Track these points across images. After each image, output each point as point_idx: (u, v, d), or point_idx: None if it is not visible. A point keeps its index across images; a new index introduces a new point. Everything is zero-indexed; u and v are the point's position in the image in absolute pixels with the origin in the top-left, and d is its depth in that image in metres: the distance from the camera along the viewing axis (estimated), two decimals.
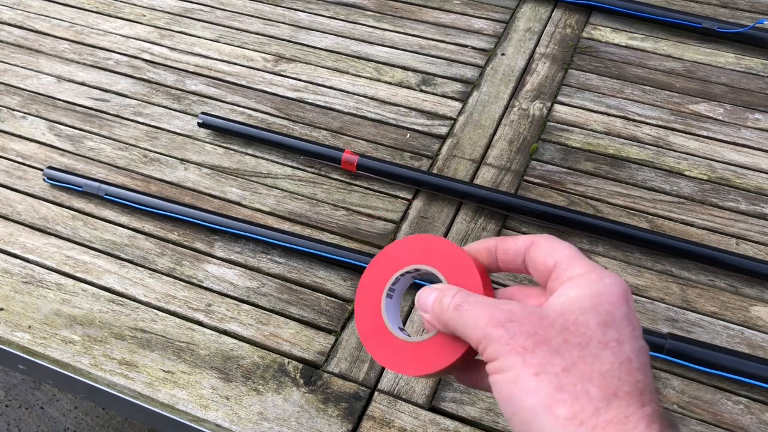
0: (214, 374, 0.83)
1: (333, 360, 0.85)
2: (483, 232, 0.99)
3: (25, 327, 0.88)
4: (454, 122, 1.16)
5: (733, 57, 1.28)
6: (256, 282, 0.93)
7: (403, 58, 1.29)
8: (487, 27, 1.36)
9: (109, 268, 0.95)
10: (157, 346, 0.86)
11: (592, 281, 0.34)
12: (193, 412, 0.80)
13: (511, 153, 1.11)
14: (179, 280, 0.94)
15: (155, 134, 1.15)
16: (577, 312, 0.33)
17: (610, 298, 0.33)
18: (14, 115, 1.19)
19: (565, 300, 0.34)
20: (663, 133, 1.14)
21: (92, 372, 0.83)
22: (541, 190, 1.05)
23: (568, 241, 0.38)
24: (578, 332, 0.32)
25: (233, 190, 1.06)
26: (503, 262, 0.39)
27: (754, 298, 0.92)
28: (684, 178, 1.07)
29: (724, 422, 0.80)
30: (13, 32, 1.37)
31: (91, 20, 1.39)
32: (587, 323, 0.32)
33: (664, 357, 0.83)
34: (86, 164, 1.10)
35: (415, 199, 1.04)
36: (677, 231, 1.00)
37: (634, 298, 0.91)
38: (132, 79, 1.26)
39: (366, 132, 1.15)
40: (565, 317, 0.32)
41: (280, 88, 1.23)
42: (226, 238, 0.98)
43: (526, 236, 0.39)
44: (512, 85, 1.23)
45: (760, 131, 1.14)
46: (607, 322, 0.32)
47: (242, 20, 1.39)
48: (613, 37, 1.33)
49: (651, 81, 1.24)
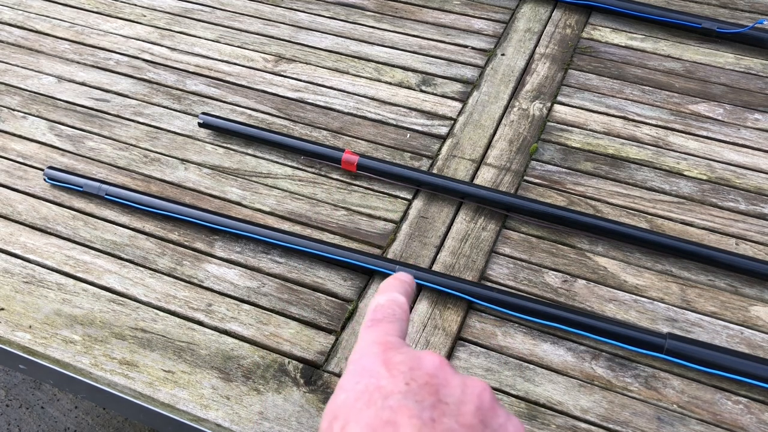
0: (214, 374, 0.83)
1: (333, 360, 0.85)
2: (483, 232, 0.99)
3: (26, 327, 0.88)
4: (454, 122, 1.16)
5: (733, 57, 1.28)
6: (257, 282, 0.93)
7: (403, 59, 1.29)
8: (487, 27, 1.36)
9: (109, 268, 0.95)
10: (158, 346, 0.86)
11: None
12: (194, 412, 0.80)
13: (511, 153, 1.11)
14: (180, 280, 0.94)
15: (156, 134, 1.15)
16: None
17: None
18: (15, 115, 1.19)
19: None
20: (662, 133, 1.14)
21: (93, 372, 0.84)
22: (541, 190, 1.05)
23: (568, 240, 0.38)
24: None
25: (233, 190, 1.06)
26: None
27: (753, 298, 0.92)
28: (683, 178, 1.07)
29: (724, 422, 0.80)
30: (13, 32, 1.37)
31: (92, 20, 1.39)
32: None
33: (664, 357, 0.83)
34: (87, 164, 1.10)
35: (415, 199, 1.04)
36: (677, 231, 1.00)
37: (635, 298, 0.92)
38: (132, 79, 1.26)
39: (366, 132, 1.15)
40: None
41: (281, 89, 1.24)
42: (226, 238, 0.98)
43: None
44: (512, 86, 1.23)
45: (759, 131, 1.15)
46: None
47: (242, 20, 1.39)
48: (613, 37, 1.33)
49: (651, 81, 1.24)
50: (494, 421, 0.27)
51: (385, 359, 0.29)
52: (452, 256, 0.96)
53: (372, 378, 0.28)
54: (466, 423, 0.26)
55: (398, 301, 0.35)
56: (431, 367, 0.28)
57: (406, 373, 0.28)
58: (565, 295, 0.92)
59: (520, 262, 0.96)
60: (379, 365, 0.28)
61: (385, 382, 0.27)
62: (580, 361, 0.85)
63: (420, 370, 0.28)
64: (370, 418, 0.26)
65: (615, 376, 0.84)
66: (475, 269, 0.94)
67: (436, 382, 0.28)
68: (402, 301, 0.35)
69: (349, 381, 0.28)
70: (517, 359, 0.85)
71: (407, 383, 0.27)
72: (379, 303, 0.35)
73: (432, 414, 0.26)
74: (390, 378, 0.27)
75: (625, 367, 0.84)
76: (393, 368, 0.28)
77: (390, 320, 0.33)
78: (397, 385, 0.27)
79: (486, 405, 0.28)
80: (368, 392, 0.27)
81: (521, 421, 0.77)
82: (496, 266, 0.95)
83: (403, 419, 0.25)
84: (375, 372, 0.28)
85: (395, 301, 0.35)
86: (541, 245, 0.97)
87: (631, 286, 0.93)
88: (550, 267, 0.95)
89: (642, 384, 0.83)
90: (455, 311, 0.89)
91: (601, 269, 0.94)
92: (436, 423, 0.26)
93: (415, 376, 0.28)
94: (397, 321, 0.33)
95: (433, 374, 0.28)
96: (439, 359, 0.29)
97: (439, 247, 0.98)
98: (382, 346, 0.30)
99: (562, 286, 0.93)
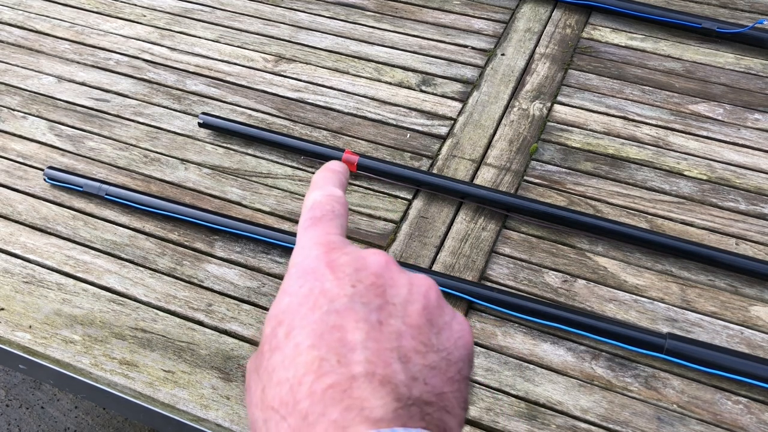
0: (214, 374, 0.83)
1: None
2: (483, 231, 0.99)
3: (26, 327, 0.88)
4: (454, 122, 1.16)
5: (733, 57, 1.28)
6: (257, 282, 0.93)
7: (403, 59, 1.29)
8: (487, 27, 1.36)
9: (109, 268, 0.95)
10: (158, 346, 0.86)
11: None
12: (194, 412, 0.80)
13: (511, 153, 1.11)
14: (180, 280, 0.94)
15: (156, 134, 1.15)
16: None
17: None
18: (15, 115, 1.19)
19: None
20: (663, 133, 1.14)
21: (93, 372, 0.84)
22: (541, 190, 1.05)
23: (568, 240, 0.38)
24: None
25: (233, 190, 1.06)
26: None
27: (753, 298, 0.92)
28: (684, 178, 1.07)
29: (724, 422, 0.80)
30: (13, 32, 1.37)
31: (92, 20, 1.39)
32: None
33: (664, 357, 0.83)
34: (87, 164, 1.10)
35: (415, 199, 1.04)
36: (677, 231, 1.00)
37: (635, 298, 0.92)
38: (132, 79, 1.26)
39: (366, 132, 1.15)
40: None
41: (281, 89, 1.24)
42: (226, 238, 0.98)
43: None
44: (512, 86, 1.23)
45: (759, 131, 1.14)
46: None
47: (242, 20, 1.39)
48: (613, 37, 1.33)
49: (651, 81, 1.24)
50: (440, 319, 0.27)
51: (329, 261, 0.28)
52: (452, 256, 0.96)
53: (316, 281, 0.27)
54: (413, 324, 0.26)
55: (336, 195, 0.33)
56: (377, 267, 0.28)
57: (352, 275, 0.27)
58: (565, 295, 0.92)
59: (520, 262, 0.96)
60: (323, 267, 0.28)
61: (329, 285, 0.27)
62: (580, 361, 0.85)
63: (365, 270, 0.27)
64: (315, 323, 0.25)
65: (615, 376, 0.84)
66: (475, 269, 0.94)
67: (383, 283, 0.27)
68: (340, 195, 0.33)
69: (292, 284, 0.27)
70: (517, 359, 0.85)
71: (353, 285, 0.27)
72: (315, 199, 0.32)
73: (379, 316, 0.26)
74: (335, 281, 0.27)
75: (625, 367, 0.84)
76: (337, 270, 0.27)
77: (330, 218, 0.31)
78: (343, 288, 0.26)
79: (432, 303, 0.27)
80: (313, 296, 0.26)
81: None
82: (496, 266, 0.95)
83: (350, 323, 0.25)
84: (319, 274, 0.27)
85: (333, 196, 0.33)
86: (541, 245, 0.97)
87: (631, 286, 0.93)
88: (550, 267, 0.95)
89: (642, 384, 0.83)
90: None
91: (601, 269, 0.94)
92: (383, 325, 0.25)
93: (361, 277, 0.27)
94: (337, 217, 0.32)
95: (379, 274, 0.27)
96: (385, 258, 0.28)
97: (439, 247, 0.98)
98: (325, 247, 0.29)
99: (562, 286, 0.93)
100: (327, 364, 0.24)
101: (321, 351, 0.24)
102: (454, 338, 0.27)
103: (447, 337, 0.27)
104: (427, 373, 0.25)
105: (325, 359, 0.24)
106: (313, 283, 0.27)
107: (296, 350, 0.25)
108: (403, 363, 0.25)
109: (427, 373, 0.25)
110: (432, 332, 0.26)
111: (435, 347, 0.26)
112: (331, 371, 0.23)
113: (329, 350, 0.24)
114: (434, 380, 0.25)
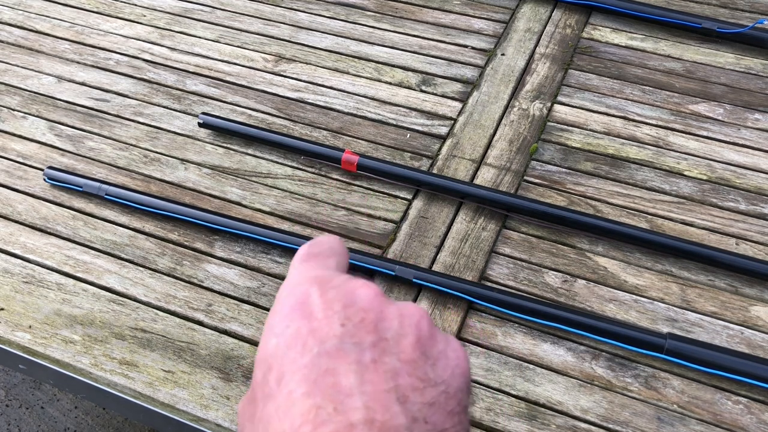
0: (214, 374, 0.83)
1: None
2: (483, 232, 0.99)
3: (26, 327, 0.88)
4: (454, 122, 1.16)
5: (733, 57, 1.28)
6: (257, 282, 0.93)
7: (403, 59, 1.29)
8: (487, 27, 1.36)
9: (109, 268, 0.95)
10: (158, 346, 0.86)
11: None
12: (194, 412, 0.80)
13: (511, 153, 1.11)
14: (179, 280, 0.94)
15: (156, 134, 1.15)
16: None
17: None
18: (15, 115, 1.19)
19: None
20: (663, 133, 1.14)
21: (93, 372, 0.84)
22: (541, 190, 1.05)
23: (568, 240, 0.37)
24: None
25: (233, 190, 1.06)
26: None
27: (753, 298, 0.92)
28: (684, 178, 1.07)
29: (724, 422, 0.80)
30: (13, 32, 1.37)
31: (92, 20, 1.39)
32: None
33: (664, 357, 0.83)
34: (87, 164, 1.10)
35: (415, 199, 1.04)
36: (677, 231, 1.00)
37: (635, 298, 0.92)
38: (132, 79, 1.26)
39: (366, 132, 1.15)
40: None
41: (281, 88, 1.24)
42: (226, 238, 0.98)
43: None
44: (512, 86, 1.23)
45: (759, 131, 1.14)
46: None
47: (242, 20, 1.39)
48: (613, 37, 1.33)
49: (651, 81, 1.24)
50: (434, 349, 0.26)
51: (316, 297, 0.27)
52: (452, 256, 0.96)
53: (303, 320, 0.26)
54: (407, 359, 0.25)
55: (337, 240, 0.32)
56: (366, 301, 0.27)
57: (340, 312, 0.26)
58: (565, 295, 0.92)
59: (520, 262, 0.96)
60: (309, 304, 0.26)
61: (317, 324, 0.26)
62: (580, 361, 0.85)
63: (354, 306, 0.26)
64: (307, 368, 0.24)
65: (615, 376, 0.84)
66: (475, 269, 0.94)
67: (373, 318, 0.26)
68: (341, 242, 0.32)
69: (278, 323, 0.26)
70: (517, 359, 0.85)
71: (342, 324, 0.25)
72: (317, 239, 0.31)
73: (372, 355, 0.25)
74: (323, 319, 0.26)
75: (625, 367, 0.84)
76: (325, 307, 0.26)
77: (327, 254, 0.30)
78: (332, 328, 0.25)
79: (425, 334, 0.26)
80: (301, 337, 0.25)
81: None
82: (496, 266, 0.95)
83: (343, 366, 0.24)
84: (306, 312, 0.26)
85: (335, 239, 0.32)
86: (541, 245, 0.97)
87: (631, 286, 0.93)
88: (550, 267, 0.95)
89: (642, 384, 0.83)
90: (455, 311, 0.89)
91: (601, 269, 0.94)
92: (378, 364, 0.24)
93: (350, 314, 0.26)
94: (337, 255, 0.30)
95: (368, 309, 0.26)
96: (373, 290, 0.27)
97: (439, 247, 0.98)
98: (312, 282, 0.28)
99: (562, 286, 0.93)
100: (323, 413, 0.23)
101: (316, 399, 0.23)
102: (451, 367, 0.26)
103: (443, 367, 0.26)
104: (426, 411, 0.24)
105: (321, 407, 0.23)
106: (299, 323, 0.26)
107: (290, 399, 0.24)
108: (402, 404, 0.24)
109: (427, 411, 0.24)
110: (428, 365, 0.26)
111: (432, 381, 0.25)
112: (329, 420, 0.22)
113: (324, 397, 0.23)
114: (435, 417, 0.24)
